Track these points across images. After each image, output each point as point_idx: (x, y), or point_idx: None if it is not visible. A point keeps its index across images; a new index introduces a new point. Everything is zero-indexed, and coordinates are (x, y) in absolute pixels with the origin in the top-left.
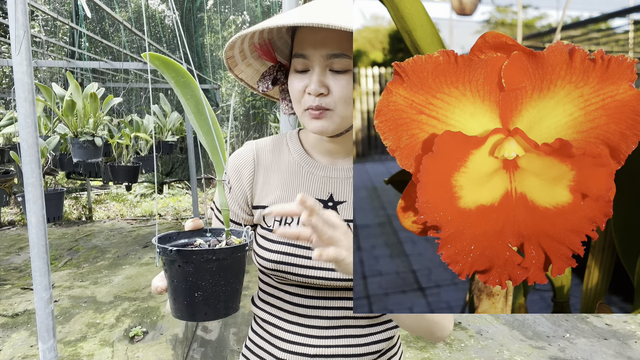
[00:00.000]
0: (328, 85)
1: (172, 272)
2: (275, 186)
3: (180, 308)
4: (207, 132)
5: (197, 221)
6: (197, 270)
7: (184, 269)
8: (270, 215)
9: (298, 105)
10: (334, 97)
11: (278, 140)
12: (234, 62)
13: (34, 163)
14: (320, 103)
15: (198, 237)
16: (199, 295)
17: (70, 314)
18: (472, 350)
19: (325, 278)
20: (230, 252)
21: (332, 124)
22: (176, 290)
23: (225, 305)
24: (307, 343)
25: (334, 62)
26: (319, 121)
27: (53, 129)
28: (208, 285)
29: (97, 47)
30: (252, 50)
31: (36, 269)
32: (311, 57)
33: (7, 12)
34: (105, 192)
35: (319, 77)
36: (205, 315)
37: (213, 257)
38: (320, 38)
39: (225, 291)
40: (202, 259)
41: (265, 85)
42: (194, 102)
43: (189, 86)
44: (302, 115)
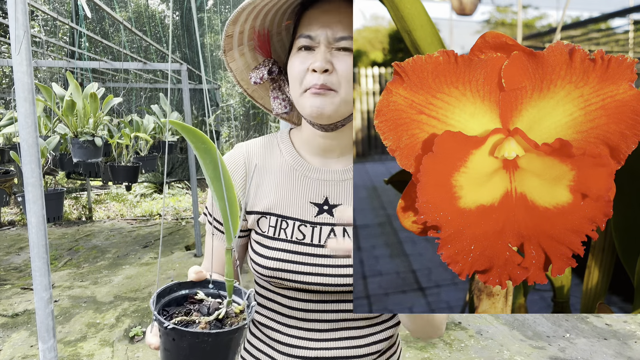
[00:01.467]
0: (332, 63)
1: (165, 342)
2: (269, 190)
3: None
4: (221, 197)
5: (200, 273)
6: (191, 348)
7: (178, 344)
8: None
9: (298, 85)
10: (339, 76)
11: (269, 142)
12: (230, 45)
13: (34, 163)
14: (325, 81)
15: (200, 289)
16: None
17: (70, 314)
18: (472, 350)
19: (323, 284)
20: (229, 334)
21: (332, 105)
22: (167, 358)
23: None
24: (307, 346)
25: (340, 43)
26: (320, 98)
27: (53, 129)
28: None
29: (97, 47)
30: (250, 37)
31: (36, 269)
32: (318, 37)
33: (7, 12)
34: (105, 192)
35: (325, 55)
36: None
37: (209, 339)
38: (331, 20)
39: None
40: (197, 339)
41: (260, 75)
42: (212, 167)
43: (208, 152)
44: (302, 97)
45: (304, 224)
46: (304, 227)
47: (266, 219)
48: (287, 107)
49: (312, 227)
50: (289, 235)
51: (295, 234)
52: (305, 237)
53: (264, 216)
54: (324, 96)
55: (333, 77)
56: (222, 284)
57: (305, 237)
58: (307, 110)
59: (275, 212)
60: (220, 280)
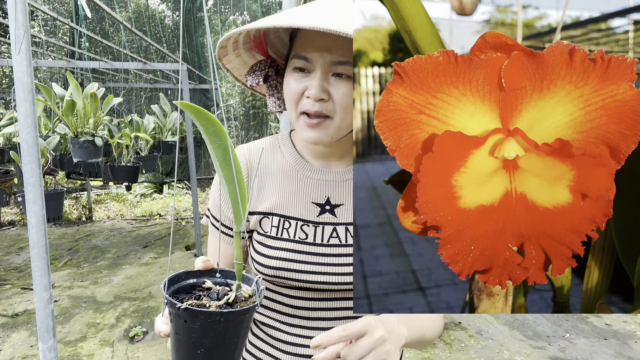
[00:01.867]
0: (329, 91)
1: (177, 325)
2: (271, 191)
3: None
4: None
5: (207, 262)
6: (202, 328)
7: (190, 325)
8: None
9: (294, 107)
10: (335, 104)
11: (270, 143)
12: (225, 52)
13: (34, 163)
14: (321, 109)
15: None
16: (201, 352)
17: (70, 314)
18: (472, 350)
19: (327, 282)
20: (239, 315)
21: (327, 135)
22: (179, 342)
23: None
24: (309, 344)
25: (337, 68)
26: (315, 131)
27: (53, 129)
28: (212, 344)
29: (97, 47)
30: (245, 41)
31: (36, 269)
32: (314, 60)
33: (7, 12)
34: (105, 192)
35: (321, 82)
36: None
37: (221, 318)
38: (326, 43)
39: (229, 349)
40: (210, 319)
41: (256, 80)
42: (221, 151)
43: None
44: (297, 120)
45: (307, 223)
46: (307, 226)
47: (268, 219)
48: (282, 106)
49: (315, 226)
50: (292, 234)
51: (298, 234)
52: (308, 237)
53: (267, 216)
54: (318, 128)
55: (329, 104)
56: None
57: (308, 236)
58: (304, 138)
59: (278, 213)
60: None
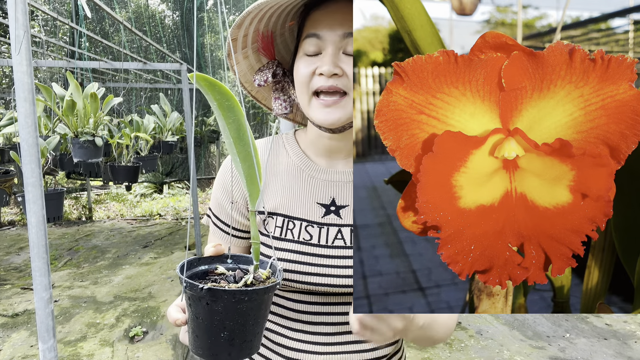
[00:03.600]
0: (341, 67)
1: (197, 309)
2: (276, 191)
3: (203, 346)
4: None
5: (218, 247)
6: (226, 310)
7: (212, 307)
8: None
9: (305, 89)
10: (348, 79)
11: (274, 143)
12: (235, 49)
13: (34, 163)
14: (335, 84)
15: (219, 264)
16: (224, 335)
17: (70, 314)
18: (472, 350)
19: (330, 284)
20: (263, 293)
21: (345, 114)
22: (200, 327)
23: (250, 345)
24: (313, 350)
25: (348, 43)
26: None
27: (53, 129)
28: (236, 325)
29: (97, 47)
30: (254, 39)
31: (36, 269)
32: (326, 37)
33: (7, 12)
34: (105, 192)
35: (333, 58)
36: (228, 355)
37: (245, 297)
38: (338, 19)
39: (252, 331)
40: (234, 299)
41: (264, 78)
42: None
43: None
44: (310, 104)
45: (311, 224)
46: (311, 227)
47: (273, 219)
48: (288, 108)
49: (319, 227)
50: (296, 235)
51: (302, 235)
52: (312, 238)
53: (271, 216)
54: (335, 107)
55: (343, 79)
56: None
57: (312, 237)
58: (319, 121)
59: (282, 213)
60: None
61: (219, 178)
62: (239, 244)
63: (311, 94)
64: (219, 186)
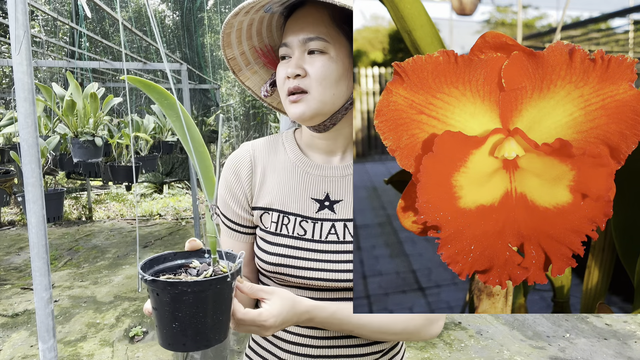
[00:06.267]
0: (304, 68)
1: (152, 299)
2: (272, 187)
3: (160, 336)
4: (194, 152)
5: (193, 242)
6: (173, 301)
7: (162, 298)
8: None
9: (281, 91)
10: (311, 79)
11: (274, 140)
12: (237, 66)
13: (34, 163)
14: (298, 84)
15: (195, 258)
16: (176, 325)
17: (70, 314)
18: (472, 350)
19: (324, 279)
20: (208, 285)
21: (309, 109)
22: (156, 317)
23: (206, 337)
24: (310, 344)
25: (309, 45)
26: (297, 105)
27: (53, 129)
28: (185, 316)
29: (97, 47)
30: (255, 56)
31: (36, 269)
32: (291, 43)
33: (7, 12)
34: (105, 192)
35: (296, 61)
36: (183, 346)
37: (188, 289)
38: (299, 25)
39: (205, 323)
40: (177, 290)
41: (265, 88)
42: (179, 124)
43: (172, 108)
44: (285, 102)
45: (305, 219)
46: (305, 222)
47: (269, 215)
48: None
49: (314, 222)
50: (291, 230)
51: (296, 230)
52: (306, 233)
53: (267, 212)
54: (299, 102)
55: (305, 80)
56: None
57: (306, 232)
58: (291, 116)
59: (277, 208)
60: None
61: (222, 176)
62: (246, 240)
63: (285, 95)
64: (222, 185)
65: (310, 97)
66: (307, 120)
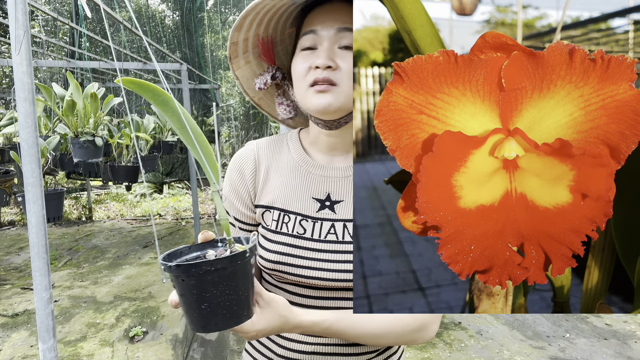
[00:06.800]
0: (336, 60)
1: (178, 287)
2: (274, 186)
3: (192, 321)
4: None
5: (206, 233)
6: (199, 282)
7: (187, 282)
8: None
9: (302, 82)
10: (342, 72)
11: (279, 140)
12: (235, 52)
13: (34, 163)
14: (329, 76)
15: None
16: (205, 306)
17: (70, 314)
18: (472, 350)
19: (322, 278)
20: (229, 261)
21: (336, 101)
22: (185, 303)
23: (236, 313)
24: (305, 340)
25: (343, 37)
26: (325, 95)
27: (53, 129)
28: (213, 296)
29: (97, 47)
30: (255, 45)
31: (36, 269)
32: (321, 32)
33: (7, 12)
34: (105, 192)
35: (328, 52)
36: (215, 325)
37: (212, 268)
38: (333, 16)
39: (233, 299)
40: (202, 271)
41: (264, 80)
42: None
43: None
44: (306, 94)
45: (306, 218)
46: (305, 221)
47: (270, 213)
48: (292, 113)
49: (314, 222)
50: (290, 229)
51: (296, 229)
52: (306, 232)
53: (268, 210)
54: (328, 92)
55: (337, 73)
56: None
57: (306, 231)
58: (313, 107)
59: (278, 207)
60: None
61: (226, 174)
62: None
63: (308, 86)
64: (226, 184)
65: (340, 90)
66: (330, 113)
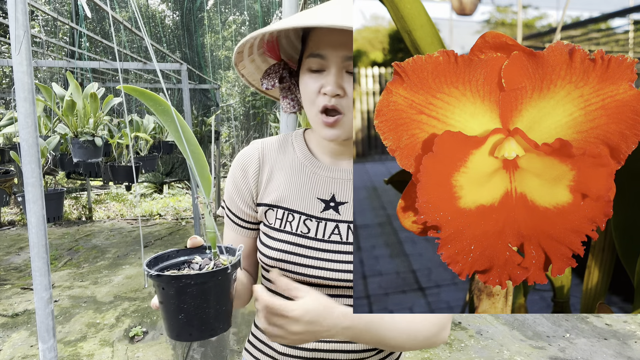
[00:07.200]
0: (344, 87)
1: (158, 294)
2: (278, 185)
3: (168, 327)
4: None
5: (194, 239)
6: (178, 293)
7: (167, 292)
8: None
9: (311, 105)
10: (348, 99)
11: (284, 140)
12: (241, 58)
13: (34, 163)
14: (336, 104)
15: (197, 255)
16: (182, 317)
17: (70, 314)
18: (472, 350)
19: (324, 277)
20: (210, 276)
21: (344, 132)
22: (163, 310)
23: (211, 326)
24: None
25: (349, 64)
26: (333, 129)
27: (53, 129)
28: (190, 307)
29: (97, 47)
30: (260, 45)
31: (36, 269)
32: (329, 57)
33: (7, 12)
34: (105, 192)
35: (336, 79)
36: (190, 335)
37: (191, 282)
38: (340, 40)
39: (210, 312)
40: (181, 283)
41: (272, 82)
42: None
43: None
44: (315, 119)
45: (310, 218)
46: (310, 221)
47: (273, 212)
48: (296, 107)
49: (318, 222)
50: (294, 228)
51: (300, 228)
52: (310, 231)
53: (272, 209)
54: (337, 126)
55: (343, 100)
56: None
57: (310, 231)
58: (323, 135)
59: (283, 206)
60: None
61: (230, 173)
62: (248, 235)
63: (317, 111)
64: (229, 181)
65: (346, 120)
66: (340, 142)
